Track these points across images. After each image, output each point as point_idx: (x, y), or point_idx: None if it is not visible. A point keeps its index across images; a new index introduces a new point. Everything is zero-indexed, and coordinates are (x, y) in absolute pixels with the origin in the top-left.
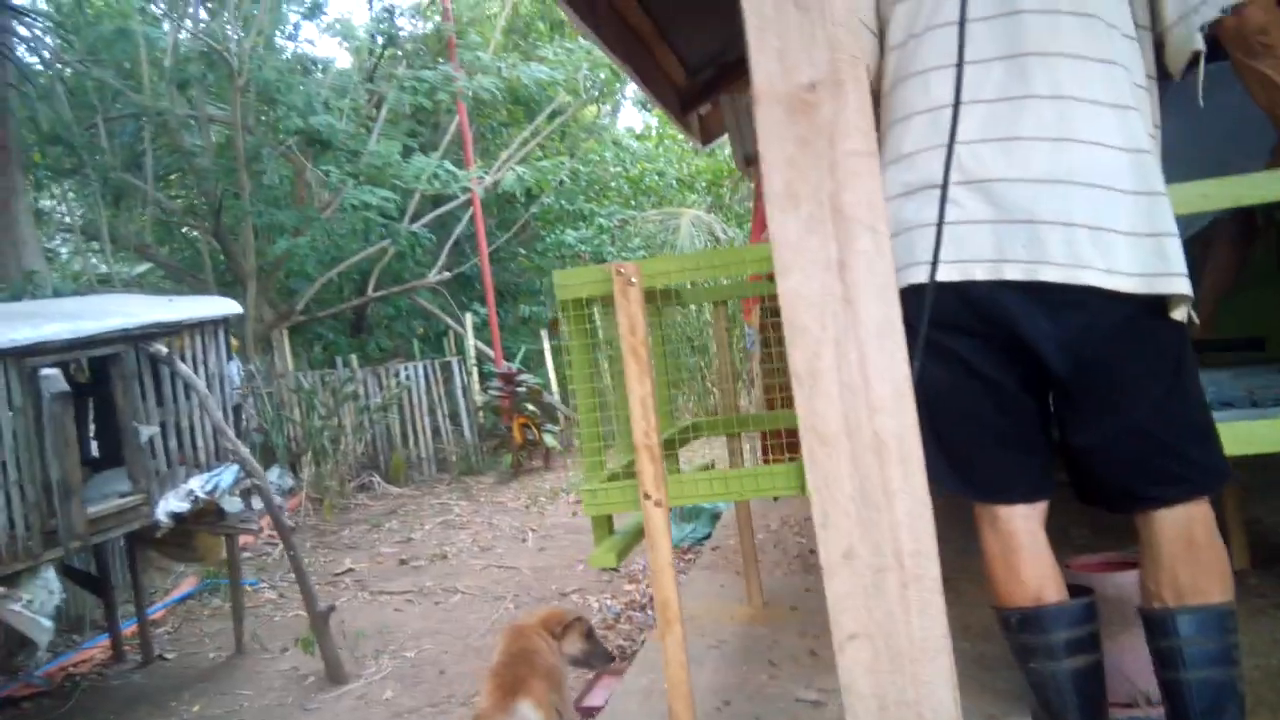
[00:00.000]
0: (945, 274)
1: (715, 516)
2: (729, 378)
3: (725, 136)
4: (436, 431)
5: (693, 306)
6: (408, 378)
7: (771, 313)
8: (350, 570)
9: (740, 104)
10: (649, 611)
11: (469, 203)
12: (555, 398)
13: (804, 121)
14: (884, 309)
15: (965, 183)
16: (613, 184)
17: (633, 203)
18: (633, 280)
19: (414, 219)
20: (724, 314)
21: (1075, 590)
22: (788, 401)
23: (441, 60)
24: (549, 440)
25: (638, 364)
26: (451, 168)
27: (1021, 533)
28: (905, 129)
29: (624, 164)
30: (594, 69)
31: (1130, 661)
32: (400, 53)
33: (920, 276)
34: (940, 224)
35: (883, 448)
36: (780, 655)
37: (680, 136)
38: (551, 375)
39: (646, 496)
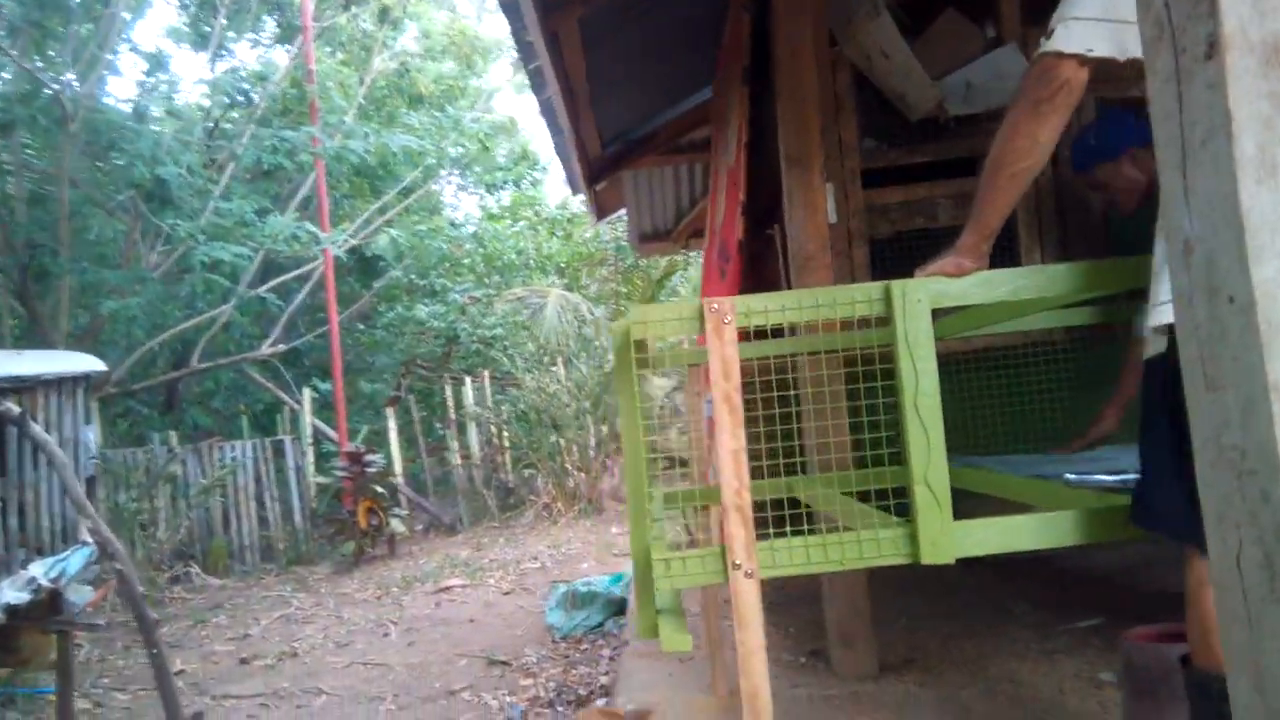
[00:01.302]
0: None
1: (610, 603)
2: (698, 446)
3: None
4: (263, 518)
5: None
6: (234, 458)
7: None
8: (181, 671)
9: (641, 181)
10: (559, 709)
11: (307, 274)
12: (400, 480)
13: None
14: None
15: None
16: (465, 260)
17: (485, 281)
18: (727, 318)
19: (252, 285)
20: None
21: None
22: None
23: (288, 122)
24: (396, 525)
25: (731, 413)
26: (313, 228)
27: None
28: None
29: (478, 240)
30: (460, 138)
31: None
32: (248, 110)
33: None
34: None
35: None
36: None
37: (535, 215)
38: (396, 455)
39: (736, 566)
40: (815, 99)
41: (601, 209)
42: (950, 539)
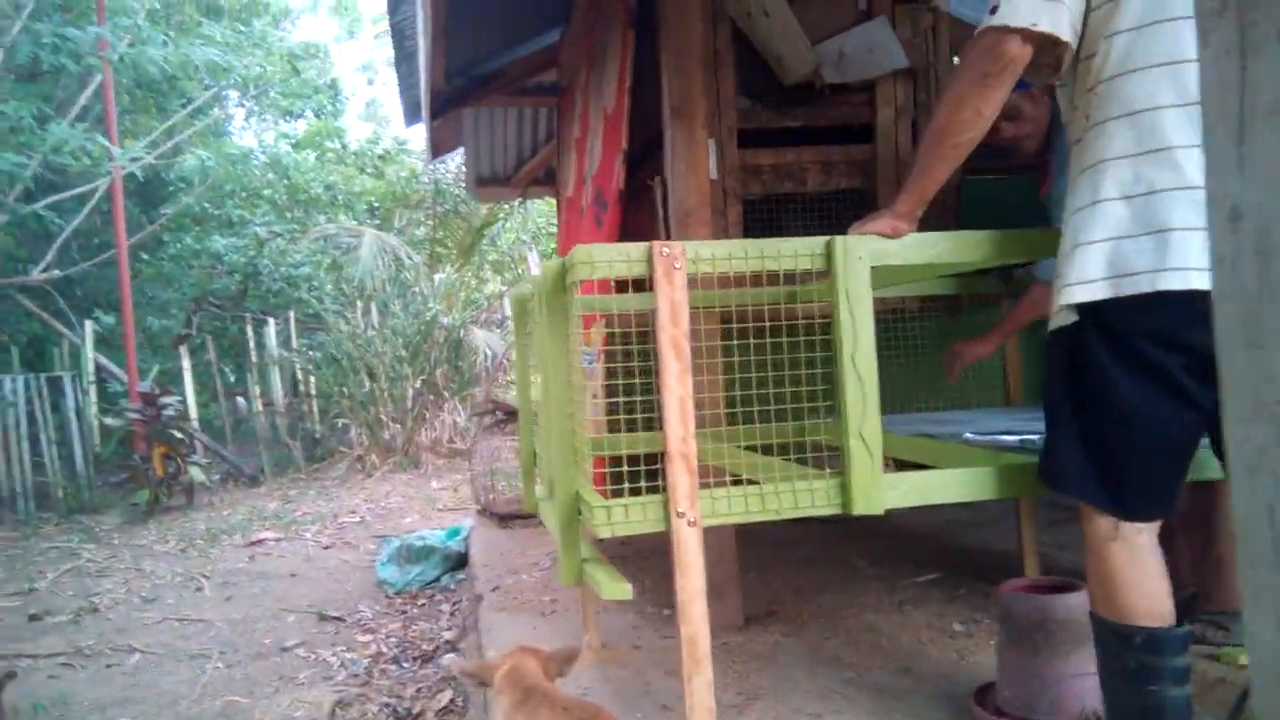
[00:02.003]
0: (1184, 282)
1: (446, 558)
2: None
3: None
4: (38, 463)
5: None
6: (5, 395)
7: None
8: None
9: (482, 121)
10: (404, 665)
11: (87, 193)
12: (196, 425)
13: None
14: None
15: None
16: (266, 191)
17: (288, 215)
18: (678, 263)
19: (25, 199)
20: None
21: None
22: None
23: (69, 20)
24: (195, 473)
25: (679, 360)
26: (104, 141)
27: (1149, 547)
28: (1155, 121)
29: (282, 170)
30: (266, 57)
31: (1080, 681)
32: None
33: (1173, 282)
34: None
35: None
36: (671, 698)
37: (341, 148)
38: (191, 398)
39: (679, 514)
40: (701, 50)
41: (437, 147)
42: (880, 491)
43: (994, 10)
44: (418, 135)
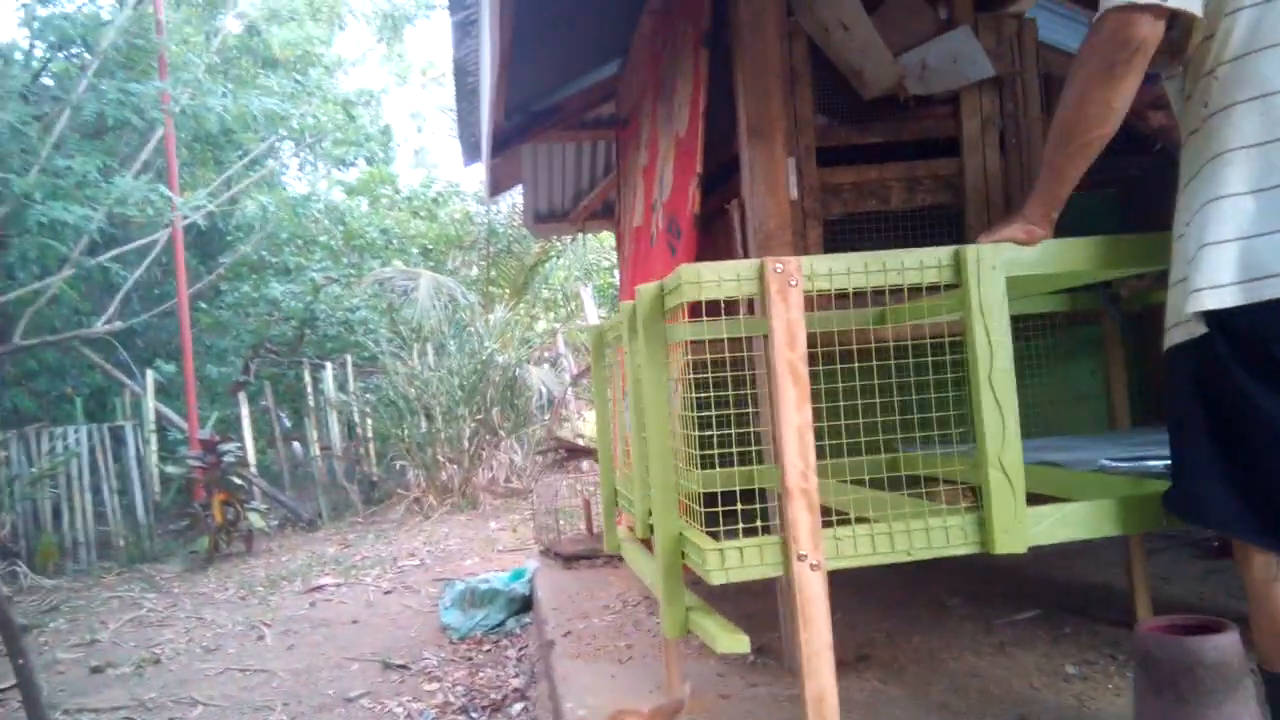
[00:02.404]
0: None
1: (511, 601)
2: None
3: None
4: (100, 512)
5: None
6: (67, 446)
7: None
8: (17, 685)
9: (540, 157)
10: (473, 714)
11: (147, 245)
12: (254, 471)
13: None
14: None
15: None
16: (322, 237)
17: (343, 260)
18: (793, 280)
19: (89, 252)
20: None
21: None
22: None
23: (131, 76)
24: (255, 520)
25: (797, 386)
26: (167, 192)
27: None
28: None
29: (336, 217)
30: (323, 105)
31: None
32: (79, 60)
33: None
34: None
35: None
36: None
37: (394, 193)
38: (250, 444)
39: (801, 557)
40: (778, 68)
41: (495, 185)
42: (1023, 527)
43: None
44: (471, 177)
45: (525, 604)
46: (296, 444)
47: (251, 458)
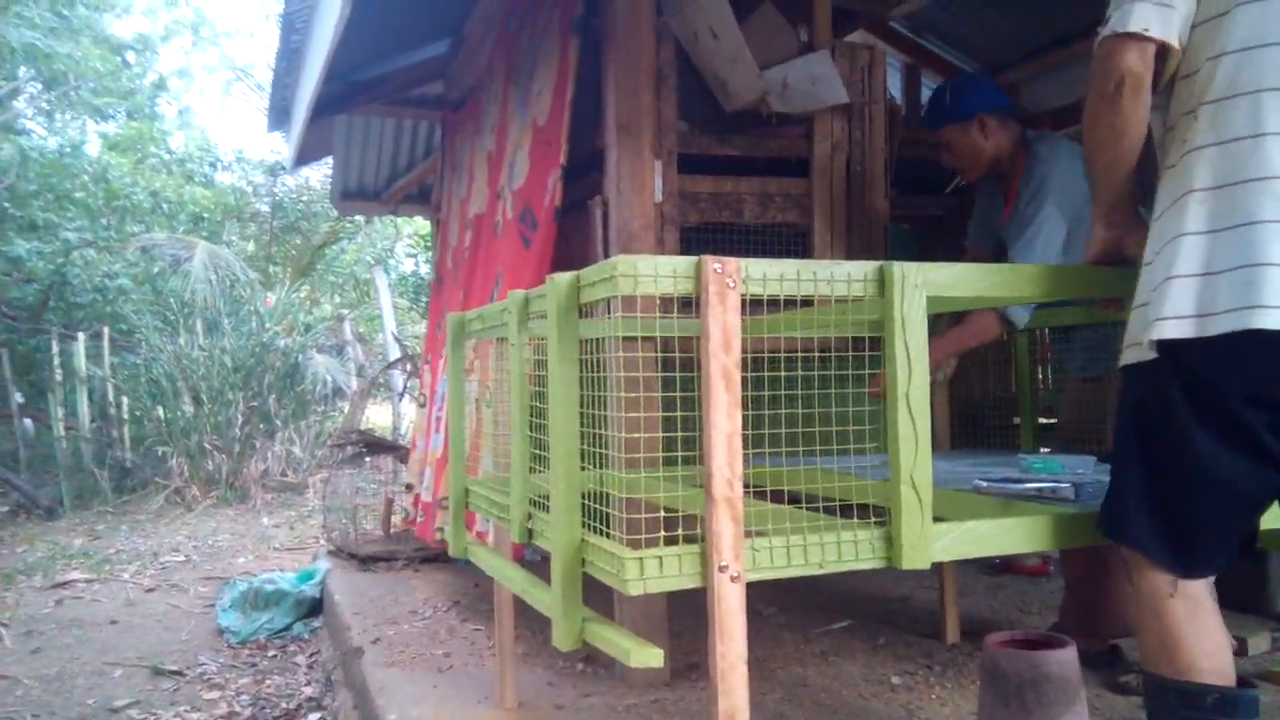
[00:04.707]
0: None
1: (299, 603)
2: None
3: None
4: None
5: None
6: None
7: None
8: None
9: (355, 130)
10: None
11: None
12: None
13: None
14: None
15: None
16: (79, 194)
17: (101, 221)
18: (732, 281)
19: None
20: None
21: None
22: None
23: None
24: None
25: (729, 391)
26: None
27: (1207, 601)
28: (1260, 149)
29: (100, 174)
30: (93, 46)
31: None
32: None
33: (1267, 321)
34: None
35: None
36: None
37: (167, 154)
38: None
39: (722, 568)
40: (651, 66)
41: (300, 155)
42: (929, 543)
43: (1107, 20)
44: (258, 145)
45: (315, 607)
46: (29, 421)
47: None
